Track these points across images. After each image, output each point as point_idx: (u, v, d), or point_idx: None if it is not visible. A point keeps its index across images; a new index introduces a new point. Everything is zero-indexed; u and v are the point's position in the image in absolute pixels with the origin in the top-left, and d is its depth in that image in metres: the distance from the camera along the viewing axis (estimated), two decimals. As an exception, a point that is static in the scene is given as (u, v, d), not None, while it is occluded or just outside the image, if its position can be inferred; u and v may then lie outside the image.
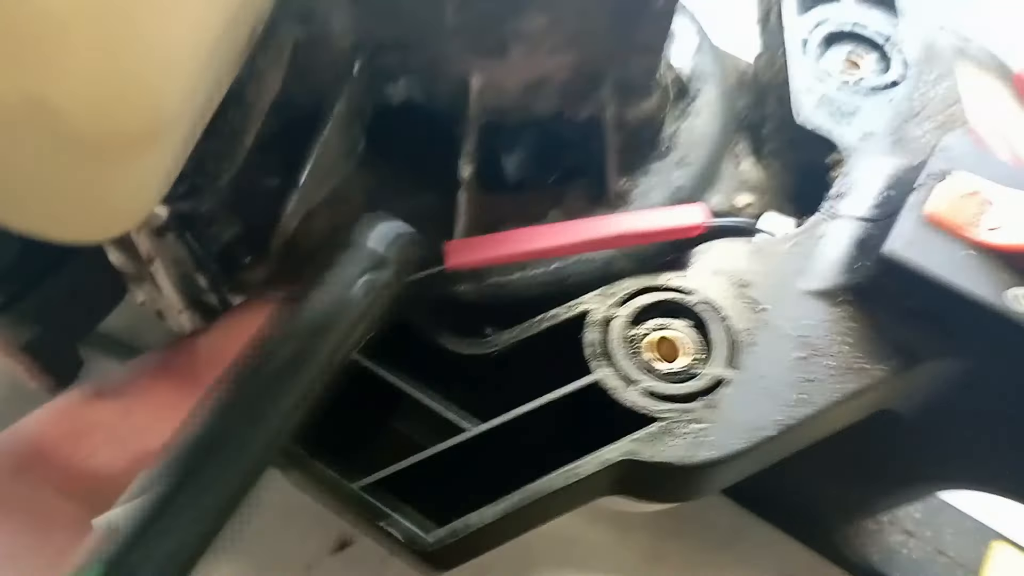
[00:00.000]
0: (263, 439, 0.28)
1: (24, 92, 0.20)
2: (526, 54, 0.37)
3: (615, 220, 0.39)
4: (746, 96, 0.49)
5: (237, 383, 0.28)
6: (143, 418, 0.35)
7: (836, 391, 0.35)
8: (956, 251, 0.36)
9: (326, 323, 0.29)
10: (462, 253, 0.38)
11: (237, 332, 0.36)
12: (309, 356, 0.28)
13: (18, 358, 0.33)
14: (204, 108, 0.26)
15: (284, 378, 0.28)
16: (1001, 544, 0.54)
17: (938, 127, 0.43)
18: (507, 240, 0.38)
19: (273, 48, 0.32)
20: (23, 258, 0.31)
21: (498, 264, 0.39)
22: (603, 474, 0.34)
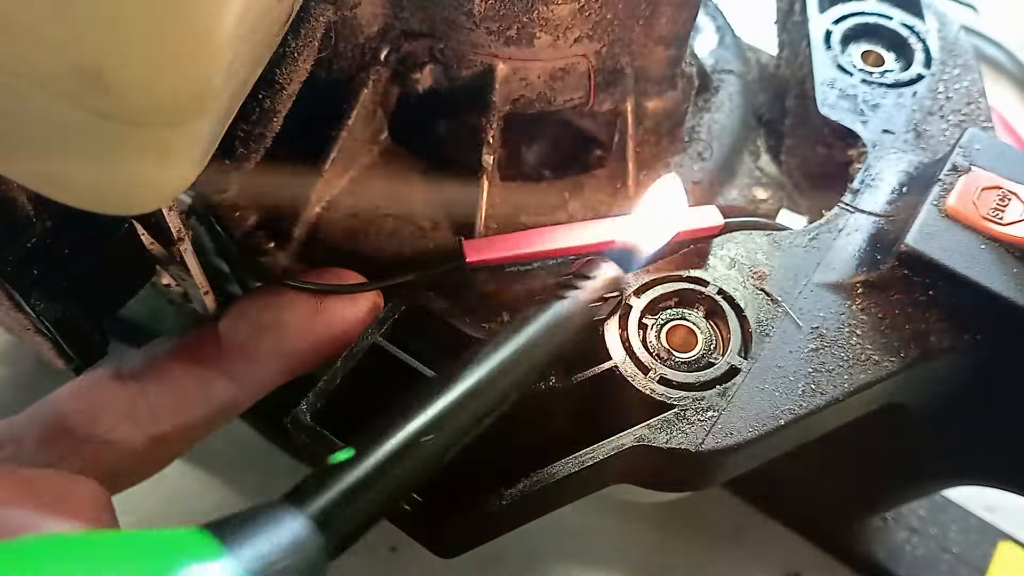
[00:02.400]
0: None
1: (75, 62, 0.20)
2: (550, 44, 0.38)
3: (632, 221, 0.39)
4: (767, 90, 0.49)
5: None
6: (158, 398, 0.36)
7: (848, 382, 0.36)
8: (976, 245, 0.36)
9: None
10: (480, 250, 0.38)
11: (251, 318, 0.37)
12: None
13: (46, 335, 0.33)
14: (243, 83, 0.27)
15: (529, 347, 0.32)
16: (1008, 544, 0.55)
17: (959, 122, 0.43)
18: (524, 239, 0.39)
19: (305, 30, 0.32)
20: (56, 235, 0.31)
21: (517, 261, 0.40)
22: (617, 460, 0.35)
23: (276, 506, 0.25)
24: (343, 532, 0.26)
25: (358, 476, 0.26)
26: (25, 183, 0.25)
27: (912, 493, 0.51)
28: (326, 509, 0.25)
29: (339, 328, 0.36)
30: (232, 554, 0.23)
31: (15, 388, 0.59)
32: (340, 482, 0.26)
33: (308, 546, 0.24)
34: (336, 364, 0.37)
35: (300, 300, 0.37)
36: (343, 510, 0.26)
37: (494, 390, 0.30)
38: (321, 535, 0.25)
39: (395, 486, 0.27)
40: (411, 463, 0.28)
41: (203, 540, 0.23)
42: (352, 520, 0.26)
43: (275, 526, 0.24)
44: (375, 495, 0.27)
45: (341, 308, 0.36)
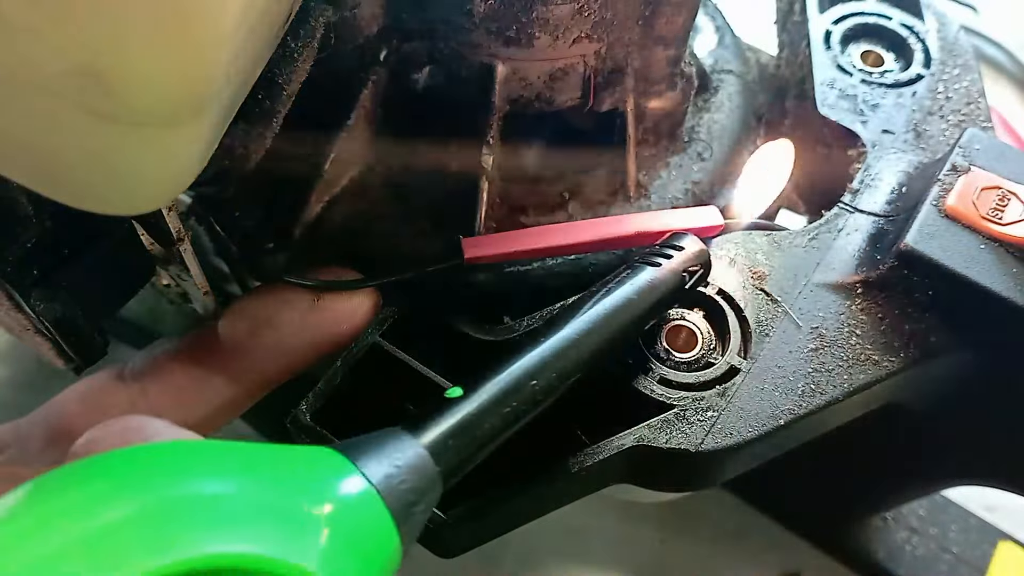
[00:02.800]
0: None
1: (76, 62, 0.20)
2: (550, 44, 0.38)
3: (631, 220, 0.39)
4: (767, 90, 0.49)
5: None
6: (159, 398, 0.36)
7: (847, 383, 0.36)
8: (976, 245, 0.36)
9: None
10: (479, 247, 0.38)
11: (249, 316, 0.37)
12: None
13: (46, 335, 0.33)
14: (243, 83, 0.27)
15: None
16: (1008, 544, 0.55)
17: (959, 122, 0.43)
18: (523, 236, 0.39)
19: (305, 31, 0.32)
20: (56, 235, 0.31)
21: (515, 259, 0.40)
22: (617, 460, 0.35)
23: (397, 433, 0.27)
24: (453, 463, 0.27)
25: (468, 413, 0.28)
26: (25, 183, 0.25)
27: (912, 493, 0.51)
28: (439, 439, 0.27)
29: (336, 325, 0.36)
30: (362, 471, 0.25)
31: (15, 388, 0.60)
32: (452, 416, 0.28)
33: (426, 471, 0.26)
34: (336, 364, 0.37)
35: (297, 298, 0.37)
36: (455, 442, 0.28)
37: (588, 345, 0.32)
38: (436, 463, 0.27)
39: (500, 425, 0.29)
40: (515, 405, 0.30)
41: (335, 456, 0.25)
42: (460, 452, 0.28)
43: (396, 450, 0.26)
44: (482, 432, 0.29)
45: (338, 305, 0.36)
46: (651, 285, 0.34)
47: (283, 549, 0.22)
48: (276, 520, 0.22)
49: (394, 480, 0.25)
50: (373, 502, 0.24)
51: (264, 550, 0.21)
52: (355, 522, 0.24)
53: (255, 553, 0.21)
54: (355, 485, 0.24)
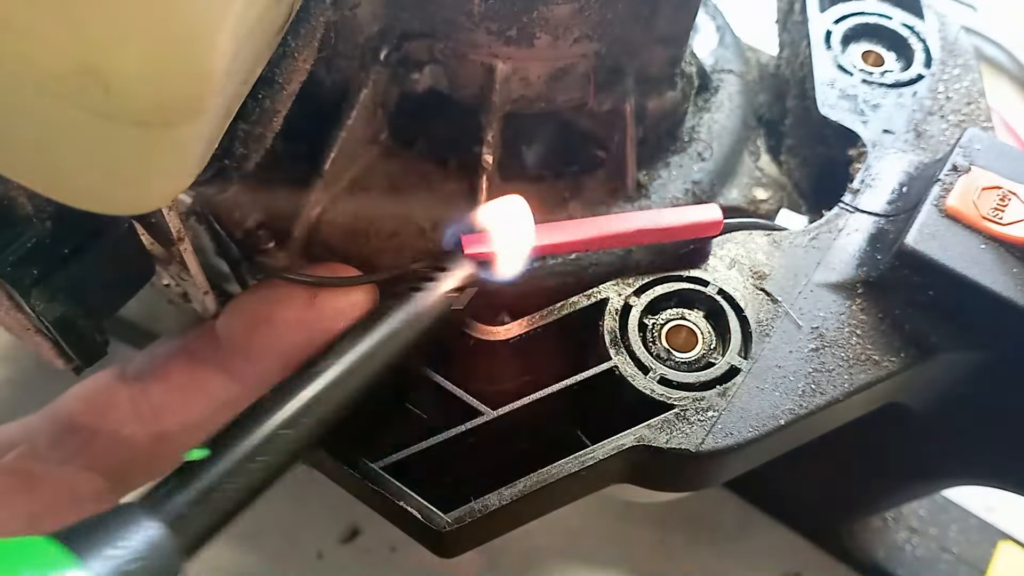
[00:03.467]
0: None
1: (76, 62, 0.20)
2: (550, 44, 0.38)
3: (632, 218, 0.39)
4: (767, 90, 0.49)
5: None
6: (160, 397, 0.36)
7: (848, 382, 0.36)
8: (976, 245, 0.36)
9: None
10: (477, 244, 0.38)
11: (247, 314, 0.37)
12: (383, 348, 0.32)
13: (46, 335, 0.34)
14: (243, 83, 0.27)
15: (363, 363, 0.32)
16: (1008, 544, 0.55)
17: (959, 122, 0.43)
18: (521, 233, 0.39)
19: (305, 30, 0.32)
20: (56, 235, 0.31)
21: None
22: (617, 460, 0.35)
23: (127, 510, 0.25)
24: (198, 532, 0.26)
25: (213, 475, 0.27)
26: (25, 183, 0.25)
27: (912, 493, 0.51)
28: (180, 510, 0.26)
29: (334, 322, 0.36)
30: (82, 562, 0.23)
31: (15, 388, 0.60)
32: (195, 482, 0.26)
33: (161, 548, 0.24)
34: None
35: (294, 294, 0.37)
36: (197, 510, 0.26)
37: (353, 382, 0.31)
38: (175, 536, 0.25)
39: (251, 482, 0.27)
40: (267, 459, 0.28)
41: (51, 548, 0.23)
42: (207, 519, 0.26)
43: (126, 531, 0.24)
44: (231, 492, 0.27)
45: (335, 302, 0.36)
46: (417, 313, 0.33)
47: None
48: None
49: (120, 566, 0.23)
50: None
51: None
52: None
53: None
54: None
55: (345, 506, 0.55)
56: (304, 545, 0.55)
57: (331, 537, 0.56)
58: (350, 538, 0.56)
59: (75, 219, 0.30)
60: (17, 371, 0.60)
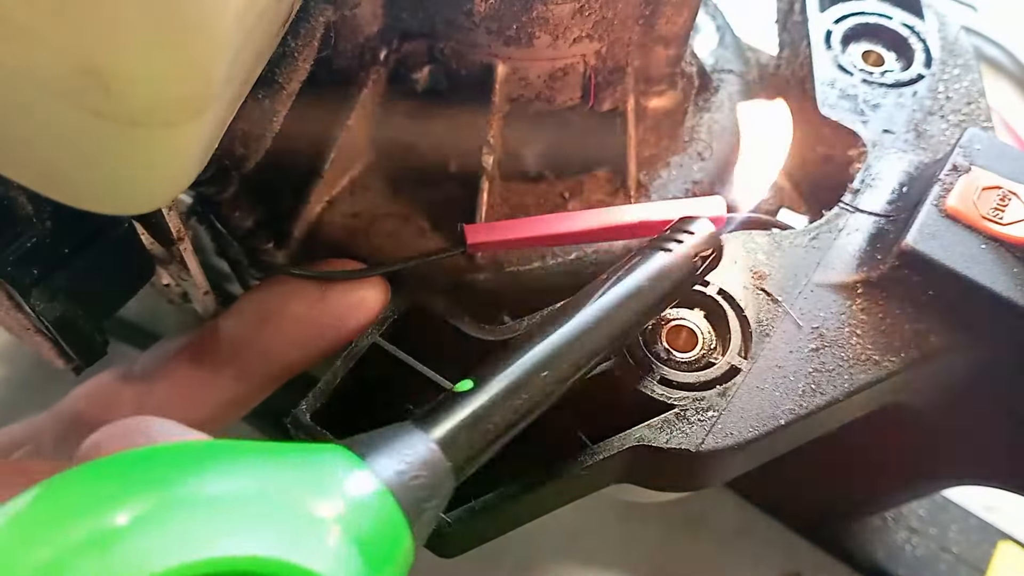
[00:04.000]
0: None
1: (76, 62, 0.20)
2: (550, 43, 0.38)
3: (634, 209, 0.39)
4: (767, 90, 0.49)
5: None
6: (166, 395, 0.36)
7: (848, 382, 0.36)
8: (976, 245, 0.36)
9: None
10: (481, 234, 0.38)
11: (254, 310, 0.37)
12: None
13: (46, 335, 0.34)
14: (243, 83, 0.27)
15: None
16: (1008, 544, 0.55)
17: (959, 122, 0.43)
18: (525, 224, 0.39)
19: (305, 30, 0.32)
20: (56, 235, 0.31)
21: (517, 248, 0.40)
22: (617, 460, 0.35)
23: (407, 428, 0.27)
24: (465, 457, 0.27)
25: (479, 406, 0.28)
26: (25, 183, 0.25)
27: (912, 493, 0.51)
28: (450, 434, 0.27)
29: (344, 317, 0.36)
30: (374, 468, 0.24)
31: (15, 388, 0.60)
32: (465, 409, 0.28)
33: (437, 466, 0.26)
34: (336, 364, 0.37)
35: (302, 290, 0.37)
36: (467, 435, 0.27)
37: (601, 333, 0.32)
38: (448, 458, 0.27)
39: (512, 418, 0.29)
40: (526, 397, 0.29)
41: (345, 454, 0.25)
42: (472, 446, 0.28)
43: (407, 446, 0.26)
44: (493, 425, 0.28)
45: (345, 296, 0.36)
46: (662, 271, 0.33)
47: (293, 551, 0.21)
48: (285, 521, 0.22)
49: (405, 477, 0.25)
50: (385, 501, 0.24)
51: (274, 552, 0.21)
52: (366, 521, 0.23)
53: (264, 556, 0.21)
54: (366, 483, 0.24)
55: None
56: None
57: (331, 537, 0.56)
58: (350, 538, 0.56)
59: (75, 219, 0.30)
60: (17, 371, 0.60)
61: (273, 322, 0.36)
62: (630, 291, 0.33)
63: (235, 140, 0.34)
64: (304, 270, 0.37)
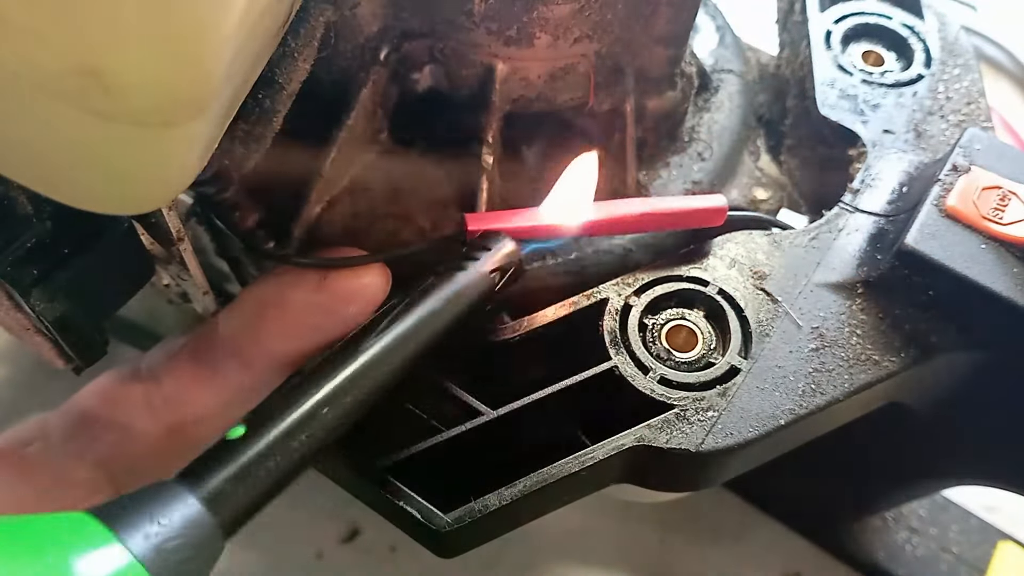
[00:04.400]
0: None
1: (76, 61, 0.20)
2: (550, 44, 0.38)
3: (634, 202, 0.39)
4: (767, 90, 0.49)
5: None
6: (172, 389, 0.36)
7: (848, 382, 0.36)
8: (976, 245, 0.36)
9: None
10: (482, 221, 0.38)
11: (256, 299, 0.37)
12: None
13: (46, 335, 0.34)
14: (243, 83, 0.27)
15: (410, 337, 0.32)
16: (1008, 544, 0.55)
17: (959, 122, 0.43)
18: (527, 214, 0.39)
19: (305, 30, 0.32)
20: (56, 235, 0.31)
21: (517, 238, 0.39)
22: (616, 460, 0.35)
23: (165, 487, 0.25)
24: (238, 509, 0.26)
25: (252, 452, 0.26)
26: (25, 183, 0.25)
27: (912, 493, 0.51)
28: (219, 487, 0.25)
29: (345, 304, 0.36)
30: (122, 538, 0.22)
31: (15, 388, 0.60)
32: (234, 459, 0.26)
33: (201, 526, 0.24)
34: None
35: (301, 278, 0.36)
36: (237, 487, 0.26)
37: (392, 361, 0.31)
38: (214, 515, 0.25)
39: (290, 460, 0.27)
40: (306, 437, 0.28)
41: (91, 524, 0.23)
42: (246, 498, 0.26)
43: (165, 507, 0.24)
44: (269, 471, 0.27)
45: (346, 283, 0.36)
46: (458, 290, 0.33)
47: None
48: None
49: (160, 540, 0.23)
50: (136, 574, 0.22)
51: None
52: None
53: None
54: (112, 560, 0.22)
55: (345, 506, 0.55)
56: (304, 545, 0.55)
57: (331, 537, 0.56)
58: (350, 538, 0.56)
59: (75, 219, 0.30)
60: (17, 371, 0.60)
61: (274, 312, 0.36)
62: (423, 317, 0.32)
63: (235, 140, 0.34)
64: (304, 258, 0.37)
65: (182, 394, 0.36)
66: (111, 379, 0.37)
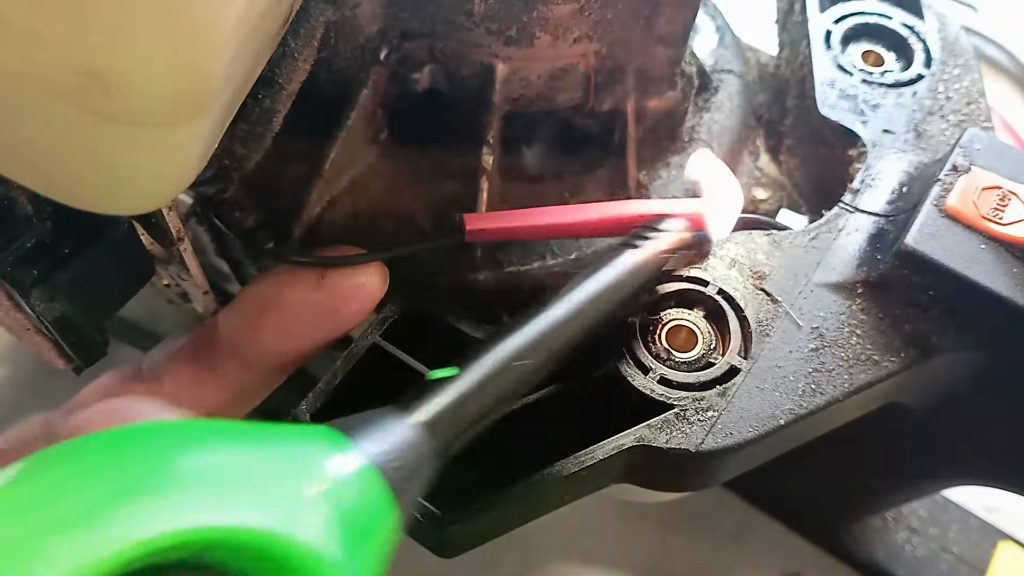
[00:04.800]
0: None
1: (76, 62, 0.20)
2: (550, 44, 0.38)
3: (633, 203, 0.39)
4: (767, 90, 0.49)
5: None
6: (174, 388, 0.37)
7: (848, 382, 0.36)
8: (976, 245, 0.36)
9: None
10: (481, 222, 0.38)
11: (255, 299, 0.37)
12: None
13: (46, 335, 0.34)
14: (243, 83, 0.27)
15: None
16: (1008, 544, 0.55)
17: (959, 122, 0.43)
18: (525, 214, 0.39)
19: (305, 30, 0.32)
20: (56, 235, 0.31)
21: (515, 238, 0.40)
22: (616, 460, 0.35)
23: (392, 411, 0.28)
24: (447, 438, 0.28)
25: (461, 391, 0.29)
26: (25, 183, 0.25)
27: (912, 493, 0.51)
28: (434, 416, 0.28)
29: (343, 302, 0.36)
30: (358, 448, 0.25)
31: (15, 388, 0.60)
32: (446, 394, 0.29)
33: (421, 447, 0.27)
34: (336, 364, 0.37)
35: (300, 277, 0.37)
36: (448, 417, 0.29)
37: (576, 324, 0.33)
38: (431, 439, 0.27)
39: (493, 403, 0.30)
40: (506, 382, 0.31)
41: (332, 434, 0.25)
42: (455, 427, 0.29)
43: (392, 428, 0.27)
44: (475, 409, 0.30)
45: (343, 281, 0.36)
46: (635, 266, 0.35)
47: (279, 523, 0.22)
48: (272, 495, 0.22)
49: (390, 456, 0.26)
50: (370, 478, 0.25)
51: (259, 524, 0.21)
52: (352, 497, 0.24)
53: (250, 527, 0.21)
54: (351, 461, 0.25)
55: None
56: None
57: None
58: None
59: (75, 219, 0.30)
60: (17, 371, 0.60)
61: (273, 311, 0.36)
62: (603, 286, 0.34)
63: (235, 140, 0.34)
64: (302, 257, 0.37)
65: (183, 394, 0.36)
66: (113, 379, 0.37)
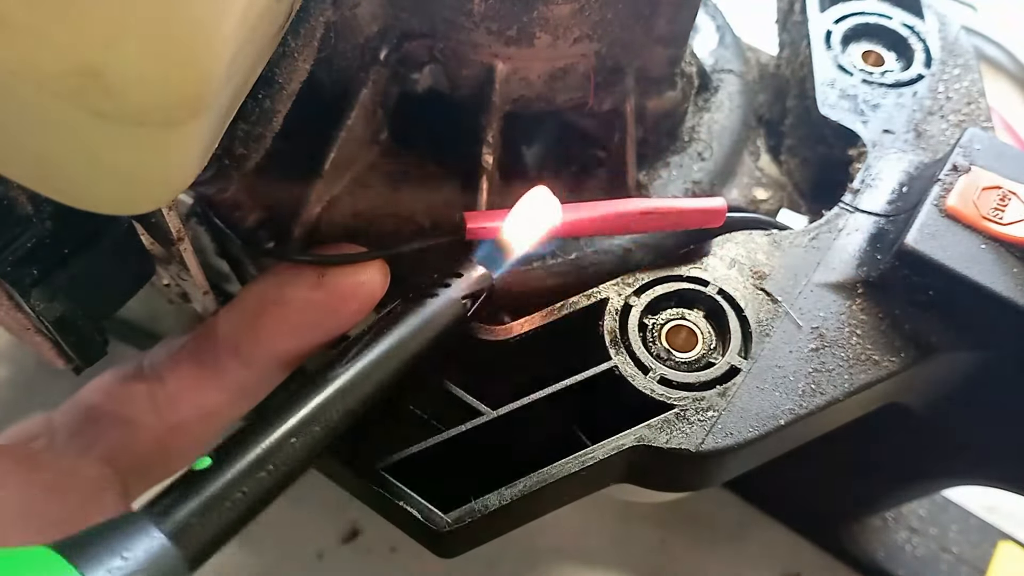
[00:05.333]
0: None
1: (76, 62, 0.20)
2: (550, 44, 0.38)
3: (634, 201, 0.39)
4: (767, 90, 0.49)
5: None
6: (175, 386, 0.37)
7: (848, 382, 0.36)
8: (976, 244, 0.36)
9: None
10: (480, 219, 0.38)
11: (256, 297, 0.37)
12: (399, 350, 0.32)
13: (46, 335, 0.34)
14: (243, 83, 0.27)
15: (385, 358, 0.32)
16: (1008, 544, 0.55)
17: (959, 122, 0.44)
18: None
19: (305, 30, 0.32)
20: (56, 235, 0.31)
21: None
22: (616, 460, 0.35)
23: (130, 520, 0.25)
24: (204, 542, 0.25)
25: (219, 484, 0.26)
26: (25, 183, 0.25)
27: (912, 493, 0.51)
28: (185, 520, 0.25)
29: (343, 300, 0.36)
30: (84, 572, 0.22)
31: (15, 388, 0.60)
32: (200, 491, 0.26)
33: (166, 560, 0.24)
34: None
35: (300, 275, 0.37)
36: (203, 520, 0.25)
37: (362, 388, 0.30)
38: (179, 548, 0.24)
39: (258, 491, 0.27)
40: (273, 468, 0.27)
41: (51, 560, 0.22)
42: (213, 530, 0.26)
43: (129, 541, 0.24)
44: (238, 502, 0.26)
45: (344, 279, 0.36)
46: (428, 318, 0.33)
47: None
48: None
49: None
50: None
51: None
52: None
53: None
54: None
55: (345, 506, 0.55)
56: (304, 545, 0.55)
57: (331, 537, 0.56)
58: (350, 538, 0.56)
59: (75, 219, 0.30)
60: (17, 371, 0.60)
61: (273, 310, 0.36)
62: (393, 345, 0.32)
63: (235, 140, 0.33)
64: (303, 255, 0.37)
65: (184, 392, 0.36)
66: (114, 377, 0.37)
